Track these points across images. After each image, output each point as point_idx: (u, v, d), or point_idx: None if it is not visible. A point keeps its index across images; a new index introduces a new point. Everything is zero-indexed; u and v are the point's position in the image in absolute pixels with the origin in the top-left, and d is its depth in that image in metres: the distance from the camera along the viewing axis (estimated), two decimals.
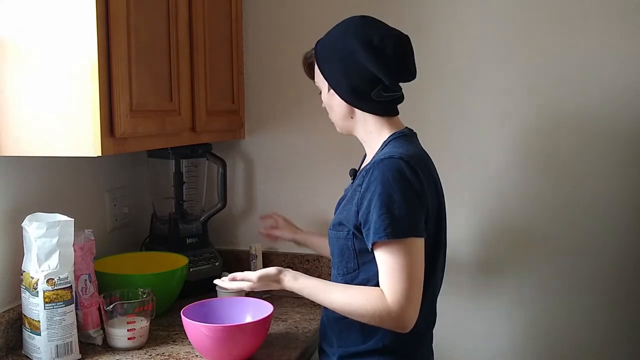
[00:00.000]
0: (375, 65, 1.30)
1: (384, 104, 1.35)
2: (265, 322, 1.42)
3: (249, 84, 2.05)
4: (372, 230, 1.24)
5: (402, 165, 1.25)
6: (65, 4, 1.30)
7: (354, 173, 1.41)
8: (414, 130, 1.43)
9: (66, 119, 1.32)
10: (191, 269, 1.84)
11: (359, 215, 1.28)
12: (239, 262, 2.09)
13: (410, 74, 1.36)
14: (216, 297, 1.74)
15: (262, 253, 2.01)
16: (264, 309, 1.47)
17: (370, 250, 1.27)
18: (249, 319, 1.49)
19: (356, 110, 1.37)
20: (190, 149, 1.91)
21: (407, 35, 1.35)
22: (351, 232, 1.32)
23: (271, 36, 2.03)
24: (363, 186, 1.28)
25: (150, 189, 2.06)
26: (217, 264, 1.94)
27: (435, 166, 1.40)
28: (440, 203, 1.37)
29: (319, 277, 1.42)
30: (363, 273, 1.33)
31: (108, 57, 1.32)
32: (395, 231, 1.22)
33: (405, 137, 1.37)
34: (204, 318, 1.43)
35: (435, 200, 1.33)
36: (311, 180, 2.04)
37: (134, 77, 1.39)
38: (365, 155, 1.51)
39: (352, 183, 1.40)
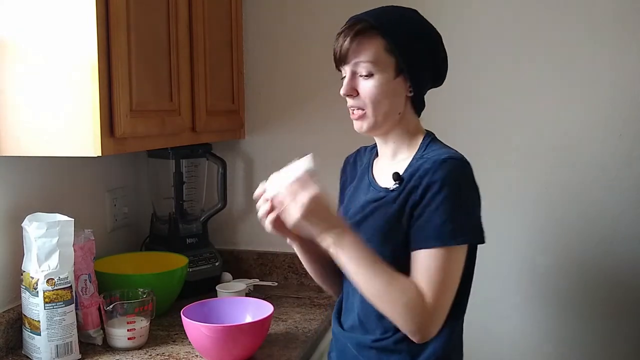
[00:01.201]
0: (445, 63, 1.27)
1: (423, 104, 1.30)
2: (265, 322, 1.42)
3: (249, 84, 2.05)
4: (433, 234, 1.14)
5: (467, 166, 1.18)
6: (66, 4, 1.30)
7: (398, 177, 1.24)
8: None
9: (66, 119, 1.32)
10: (191, 269, 1.84)
11: (413, 217, 1.17)
12: (239, 262, 2.10)
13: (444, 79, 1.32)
14: (216, 297, 1.74)
15: (258, 254, 1.99)
16: (264, 309, 1.47)
17: (411, 249, 1.17)
18: (249, 319, 1.49)
19: (408, 105, 1.26)
20: (190, 149, 1.91)
21: None
22: (400, 245, 1.19)
23: (271, 36, 2.03)
24: (420, 188, 1.17)
25: (150, 189, 2.06)
26: (217, 264, 1.94)
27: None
28: None
29: None
30: None
31: (108, 57, 1.32)
32: (461, 236, 1.15)
33: (437, 138, 1.30)
34: (204, 318, 1.43)
35: None
36: None
37: (134, 77, 1.39)
38: (370, 155, 1.40)
39: (391, 189, 1.24)
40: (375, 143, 1.38)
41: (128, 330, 1.47)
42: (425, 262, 1.15)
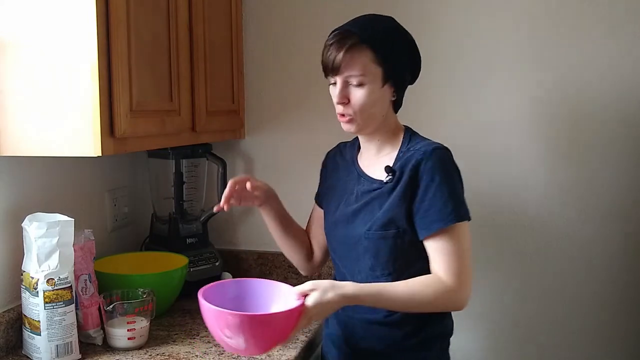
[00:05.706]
0: (420, 63, 1.39)
1: (401, 103, 1.43)
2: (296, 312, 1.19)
3: (249, 84, 2.05)
4: (437, 217, 1.29)
5: (451, 154, 1.34)
6: (66, 4, 1.30)
7: (390, 169, 1.36)
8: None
9: (66, 119, 1.32)
10: (191, 269, 1.84)
11: (414, 206, 1.31)
12: (239, 262, 2.10)
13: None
14: None
15: (258, 254, 1.98)
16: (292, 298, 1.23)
17: (421, 240, 1.32)
18: (275, 308, 1.26)
19: (390, 106, 1.39)
20: (190, 149, 1.91)
21: None
22: (402, 229, 1.32)
23: (271, 36, 2.03)
24: (419, 176, 1.31)
25: (150, 189, 2.06)
26: (217, 264, 1.94)
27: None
28: None
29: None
30: (411, 269, 1.33)
31: (108, 57, 1.32)
32: (459, 215, 1.29)
33: (415, 132, 1.43)
34: (222, 302, 1.23)
35: None
36: (311, 180, 2.02)
37: (134, 77, 1.39)
38: (352, 150, 1.50)
39: (385, 181, 1.35)
40: (354, 139, 1.51)
41: (128, 330, 1.47)
42: (436, 245, 1.30)
